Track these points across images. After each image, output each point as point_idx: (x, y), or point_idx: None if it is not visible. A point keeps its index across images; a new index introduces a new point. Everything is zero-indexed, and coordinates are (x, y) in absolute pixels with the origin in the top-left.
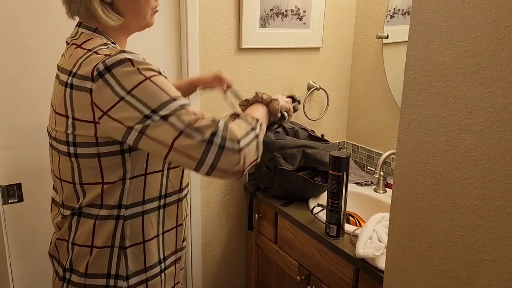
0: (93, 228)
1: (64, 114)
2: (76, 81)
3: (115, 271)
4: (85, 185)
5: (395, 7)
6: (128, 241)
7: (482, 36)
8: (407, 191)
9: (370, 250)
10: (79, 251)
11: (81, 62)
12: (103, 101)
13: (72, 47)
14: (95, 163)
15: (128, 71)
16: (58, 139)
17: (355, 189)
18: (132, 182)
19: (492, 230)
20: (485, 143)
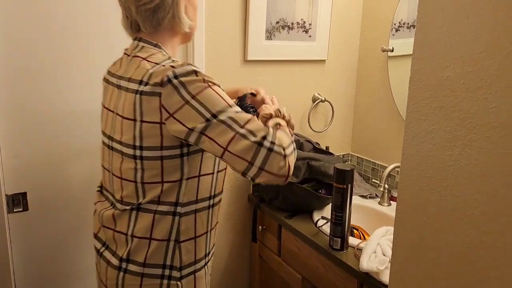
0: (152, 222)
1: (132, 118)
2: (147, 88)
3: (170, 262)
4: (146, 184)
5: (401, 20)
6: (182, 236)
7: (487, 52)
8: (412, 205)
9: (374, 264)
10: (138, 243)
11: (151, 73)
12: (170, 105)
13: (137, 59)
14: (158, 165)
15: (193, 79)
16: (124, 142)
17: (360, 202)
18: (188, 183)
19: (498, 247)
20: (490, 158)
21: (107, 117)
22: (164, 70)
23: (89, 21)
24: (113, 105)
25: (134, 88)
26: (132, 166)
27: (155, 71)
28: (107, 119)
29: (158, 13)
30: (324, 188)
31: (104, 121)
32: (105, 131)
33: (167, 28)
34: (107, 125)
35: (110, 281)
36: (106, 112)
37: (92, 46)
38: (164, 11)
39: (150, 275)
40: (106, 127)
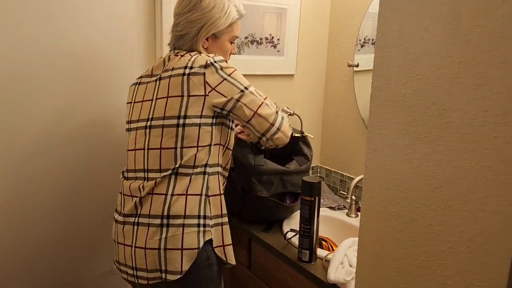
0: (189, 182)
1: (179, 95)
2: (194, 70)
3: (204, 213)
4: (184, 149)
5: (365, 36)
6: (210, 192)
7: (440, 70)
8: (374, 217)
9: (341, 275)
10: (177, 199)
11: (193, 60)
12: (211, 81)
13: (175, 57)
14: (196, 131)
15: (226, 65)
16: (167, 116)
17: (328, 213)
18: (214, 148)
19: (454, 256)
20: (445, 171)
21: (141, 107)
22: (204, 57)
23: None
24: (149, 95)
25: (180, 72)
26: (173, 134)
27: (197, 58)
28: (141, 109)
29: (180, 40)
30: (289, 198)
31: (137, 112)
32: (138, 118)
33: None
34: (141, 113)
35: (152, 240)
36: (138, 105)
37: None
38: (185, 41)
39: (190, 225)
40: (140, 115)
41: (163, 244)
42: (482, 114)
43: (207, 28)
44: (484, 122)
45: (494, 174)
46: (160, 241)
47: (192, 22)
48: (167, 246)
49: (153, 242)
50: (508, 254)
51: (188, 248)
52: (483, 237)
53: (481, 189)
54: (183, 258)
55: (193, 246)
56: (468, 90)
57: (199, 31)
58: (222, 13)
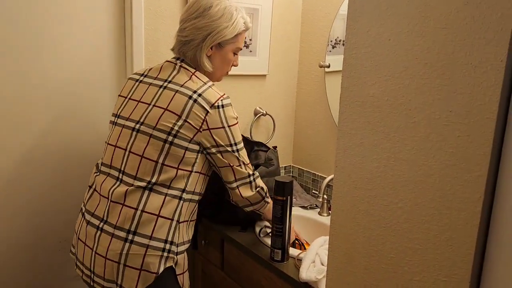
0: (163, 203)
1: (178, 114)
2: (201, 101)
3: (171, 238)
4: (164, 166)
5: (337, 37)
6: (181, 218)
7: (406, 71)
8: (344, 215)
9: (313, 273)
10: (147, 218)
11: (204, 90)
12: (211, 122)
13: (187, 72)
14: (181, 153)
15: (231, 115)
16: (158, 128)
17: (300, 213)
18: (194, 175)
19: (420, 252)
20: (411, 169)
21: (134, 106)
22: (215, 95)
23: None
24: (148, 98)
25: (188, 93)
26: (158, 148)
27: (208, 90)
28: (134, 108)
29: (185, 46)
30: None
31: (129, 109)
32: (128, 116)
33: (192, 61)
34: (133, 113)
35: (113, 252)
36: (132, 102)
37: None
38: (189, 47)
39: (154, 247)
40: (131, 114)
41: (123, 259)
42: (447, 114)
43: (213, 36)
44: (449, 122)
45: (458, 172)
46: (121, 256)
47: (199, 29)
48: (126, 263)
49: (114, 254)
50: (471, 250)
51: (146, 270)
52: (449, 234)
53: (446, 187)
54: (140, 279)
55: (152, 270)
56: (433, 90)
57: (204, 39)
58: (229, 22)
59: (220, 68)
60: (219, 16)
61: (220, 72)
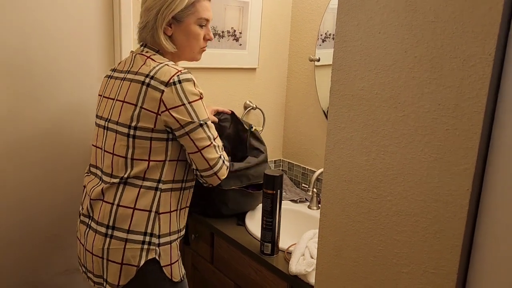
0: (137, 195)
1: (133, 103)
2: (153, 83)
3: (151, 230)
4: (134, 160)
5: (327, 31)
6: (161, 209)
7: (396, 65)
8: (334, 208)
9: (303, 266)
10: (123, 211)
11: (157, 70)
12: (168, 102)
13: (141, 57)
14: (147, 144)
15: (190, 89)
16: (120, 122)
17: (290, 206)
18: (170, 164)
19: (409, 245)
20: (401, 163)
21: (106, 104)
22: (169, 71)
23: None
24: (113, 93)
25: (141, 79)
26: (124, 143)
27: (161, 69)
28: (105, 106)
29: (143, 32)
30: (251, 188)
31: (102, 108)
32: (102, 115)
33: (154, 45)
34: (104, 110)
35: (97, 247)
36: (105, 100)
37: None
38: (146, 31)
39: (133, 240)
40: (103, 112)
41: (106, 254)
42: (435, 108)
43: (164, 12)
44: (437, 115)
45: (446, 166)
46: (103, 251)
47: (149, 10)
48: (109, 257)
49: (98, 250)
50: (459, 242)
51: (127, 263)
52: (437, 226)
53: (434, 180)
54: (122, 272)
55: (133, 263)
56: (422, 84)
57: (156, 17)
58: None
59: (188, 45)
60: None
61: (190, 50)
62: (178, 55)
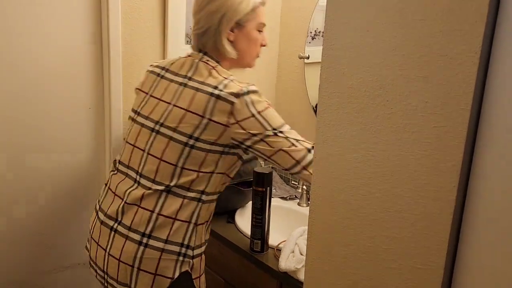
0: (180, 206)
1: (200, 114)
2: (224, 94)
3: (188, 242)
4: (184, 169)
5: (316, 29)
6: (199, 220)
7: (384, 62)
8: (323, 205)
9: (292, 263)
10: (163, 221)
11: (225, 84)
12: (238, 114)
13: (206, 66)
14: (202, 156)
15: (258, 99)
16: (179, 130)
17: (280, 203)
18: (215, 176)
19: (397, 241)
20: (389, 160)
21: (155, 105)
22: (238, 85)
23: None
24: (169, 97)
25: (209, 90)
26: (178, 151)
27: (229, 83)
28: (154, 106)
29: (203, 37)
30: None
31: (149, 107)
32: (148, 115)
33: (214, 51)
34: (153, 111)
35: (127, 255)
36: (153, 100)
37: None
38: (208, 36)
39: (169, 251)
40: (151, 113)
41: (138, 263)
42: (423, 105)
43: (229, 15)
44: (425, 112)
45: (433, 162)
46: (135, 259)
47: (213, 13)
48: (141, 267)
49: (128, 257)
50: (446, 237)
51: (161, 274)
52: (424, 223)
53: (422, 176)
54: (154, 283)
55: (168, 274)
56: (410, 82)
57: (220, 21)
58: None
59: (248, 51)
60: None
61: (249, 56)
62: (236, 62)
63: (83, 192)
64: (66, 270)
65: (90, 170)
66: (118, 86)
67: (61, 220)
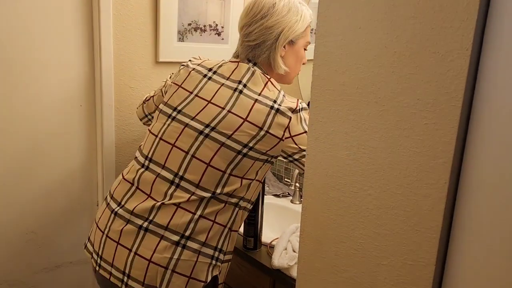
0: (221, 209)
1: (259, 126)
2: (283, 109)
3: (221, 246)
4: (231, 176)
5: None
6: (234, 226)
7: (376, 60)
8: (315, 202)
9: (285, 260)
10: (204, 223)
11: (282, 99)
12: (293, 129)
13: (262, 77)
14: (250, 164)
15: (308, 117)
16: (234, 138)
17: (273, 201)
18: (254, 184)
19: (388, 237)
20: (381, 157)
21: (203, 106)
22: (294, 101)
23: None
24: (220, 101)
25: (269, 104)
26: (229, 158)
27: (285, 99)
28: (202, 108)
29: (256, 50)
30: None
31: (195, 108)
32: (194, 116)
33: (265, 64)
34: (201, 113)
35: (161, 255)
36: (199, 100)
37: None
38: (262, 50)
39: (205, 254)
40: (198, 114)
41: (173, 265)
42: (415, 103)
43: (286, 32)
44: (416, 110)
45: (424, 159)
46: (171, 260)
47: (270, 28)
48: (176, 269)
49: (163, 258)
50: (437, 234)
51: (195, 278)
52: (415, 219)
53: (413, 173)
54: (187, 286)
55: (201, 278)
56: (402, 79)
57: (277, 37)
58: (298, 16)
59: (294, 67)
60: (287, 11)
61: (294, 73)
62: (281, 77)
63: (76, 190)
64: (59, 269)
65: (82, 168)
66: (109, 83)
67: (54, 218)
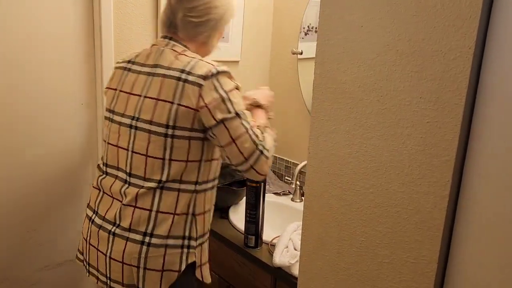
0: (176, 199)
1: (169, 101)
2: (191, 78)
3: (189, 233)
4: (172, 161)
5: (309, 24)
6: (197, 210)
7: (378, 58)
8: (317, 200)
9: (286, 258)
10: (163, 218)
11: (193, 65)
12: (207, 97)
13: (171, 52)
14: (186, 144)
15: (227, 80)
16: (154, 122)
17: (273, 199)
18: (205, 164)
19: (390, 235)
20: (383, 155)
21: (127, 100)
22: (205, 65)
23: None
24: (139, 89)
25: (176, 75)
26: (161, 144)
27: (197, 64)
28: (127, 102)
29: (199, 28)
30: (235, 185)
31: (122, 104)
32: (124, 112)
33: (198, 42)
34: (127, 107)
35: (131, 256)
36: (124, 95)
37: None
38: (205, 29)
39: (173, 245)
40: (125, 109)
41: (143, 263)
42: (417, 101)
43: (228, 14)
44: (419, 108)
45: (427, 157)
46: (140, 259)
47: (216, 8)
48: (146, 266)
49: (132, 258)
50: (439, 232)
51: (168, 269)
52: (418, 217)
53: (415, 171)
54: (162, 279)
55: (174, 268)
56: (404, 77)
57: (222, 17)
58: (234, 2)
59: (216, 45)
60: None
61: (213, 49)
62: (207, 52)
63: (75, 188)
64: (60, 267)
65: (82, 166)
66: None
67: (55, 216)
